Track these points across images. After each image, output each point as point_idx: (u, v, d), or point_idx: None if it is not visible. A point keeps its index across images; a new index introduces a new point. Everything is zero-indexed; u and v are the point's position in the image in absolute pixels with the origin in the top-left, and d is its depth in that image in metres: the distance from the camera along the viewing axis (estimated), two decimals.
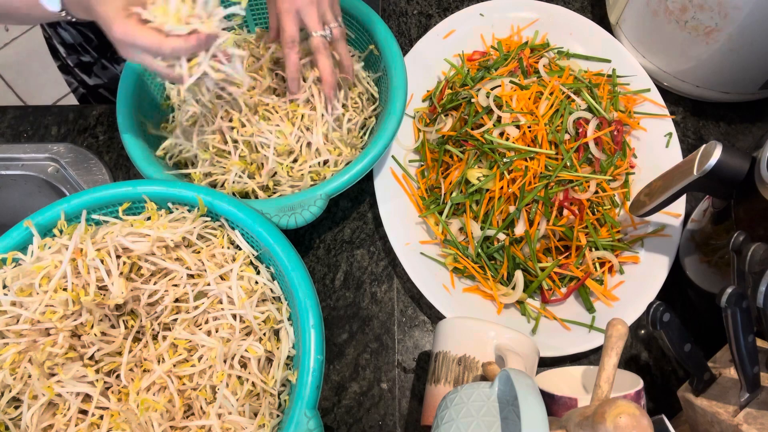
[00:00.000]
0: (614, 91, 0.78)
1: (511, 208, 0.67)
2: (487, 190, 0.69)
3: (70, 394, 0.52)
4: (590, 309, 0.68)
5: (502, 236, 0.68)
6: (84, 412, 0.53)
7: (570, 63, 0.80)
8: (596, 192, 0.70)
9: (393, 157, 0.75)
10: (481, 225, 0.69)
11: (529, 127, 0.70)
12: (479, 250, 0.69)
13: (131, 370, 0.55)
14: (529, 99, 0.72)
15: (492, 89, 0.74)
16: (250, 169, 0.68)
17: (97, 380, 0.52)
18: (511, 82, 0.74)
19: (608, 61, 0.82)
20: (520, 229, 0.67)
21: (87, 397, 0.53)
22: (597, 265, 0.70)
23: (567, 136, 0.71)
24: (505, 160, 0.68)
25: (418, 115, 0.79)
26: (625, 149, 0.74)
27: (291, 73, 0.65)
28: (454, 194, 0.71)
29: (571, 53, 0.82)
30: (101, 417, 0.52)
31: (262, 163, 0.67)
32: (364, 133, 0.74)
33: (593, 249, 0.70)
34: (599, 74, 0.80)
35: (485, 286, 0.68)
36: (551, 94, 0.73)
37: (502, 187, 0.68)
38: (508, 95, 0.72)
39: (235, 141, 0.67)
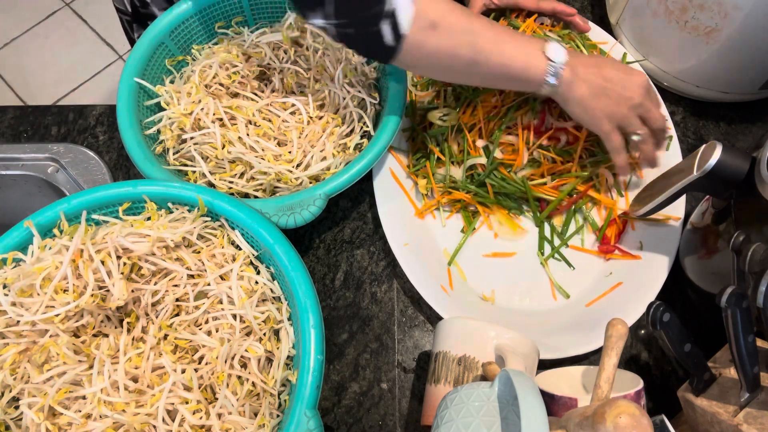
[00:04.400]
0: None
1: (480, 142, 0.69)
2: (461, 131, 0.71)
3: (69, 398, 0.52)
4: (593, 225, 0.71)
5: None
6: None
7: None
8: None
9: (391, 149, 0.75)
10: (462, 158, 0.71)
11: None
12: (467, 185, 0.71)
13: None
14: None
15: None
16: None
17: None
18: None
19: (605, 43, 0.82)
20: (499, 154, 0.69)
21: (85, 398, 0.53)
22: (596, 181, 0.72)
23: None
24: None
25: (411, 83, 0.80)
26: None
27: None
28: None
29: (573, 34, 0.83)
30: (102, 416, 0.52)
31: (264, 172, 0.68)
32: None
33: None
34: None
35: (486, 212, 0.70)
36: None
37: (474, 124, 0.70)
38: None
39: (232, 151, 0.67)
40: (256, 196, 0.68)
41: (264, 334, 0.57)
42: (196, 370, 0.54)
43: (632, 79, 0.64)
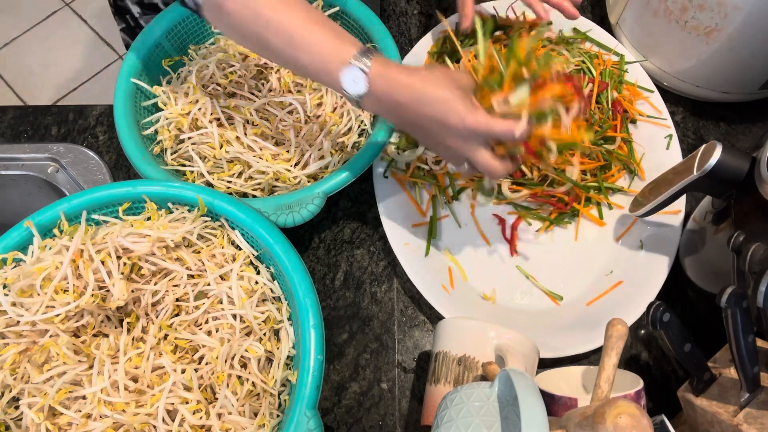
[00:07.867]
0: (620, 74, 0.79)
1: None
2: None
3: (69, 398, 0.52)
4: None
5: None
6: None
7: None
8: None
9: (389, 154, 0.75)
10: None
11: None
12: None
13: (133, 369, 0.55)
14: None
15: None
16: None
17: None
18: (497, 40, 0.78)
19: (609, 48, 0.83)
20: None
21: (85, 398, 0.53)
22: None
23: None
24: None
25: None
26: (626, 124, 0.76)
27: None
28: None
29: (576, 34, 0.83)
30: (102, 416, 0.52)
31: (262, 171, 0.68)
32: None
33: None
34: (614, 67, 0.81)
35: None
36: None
37: None
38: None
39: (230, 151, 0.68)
40: (254, 196, 0.68)
41: (264, 334, 0.57)
42: (196, 370, 0.54)
43: (448, 129, 0.53)
